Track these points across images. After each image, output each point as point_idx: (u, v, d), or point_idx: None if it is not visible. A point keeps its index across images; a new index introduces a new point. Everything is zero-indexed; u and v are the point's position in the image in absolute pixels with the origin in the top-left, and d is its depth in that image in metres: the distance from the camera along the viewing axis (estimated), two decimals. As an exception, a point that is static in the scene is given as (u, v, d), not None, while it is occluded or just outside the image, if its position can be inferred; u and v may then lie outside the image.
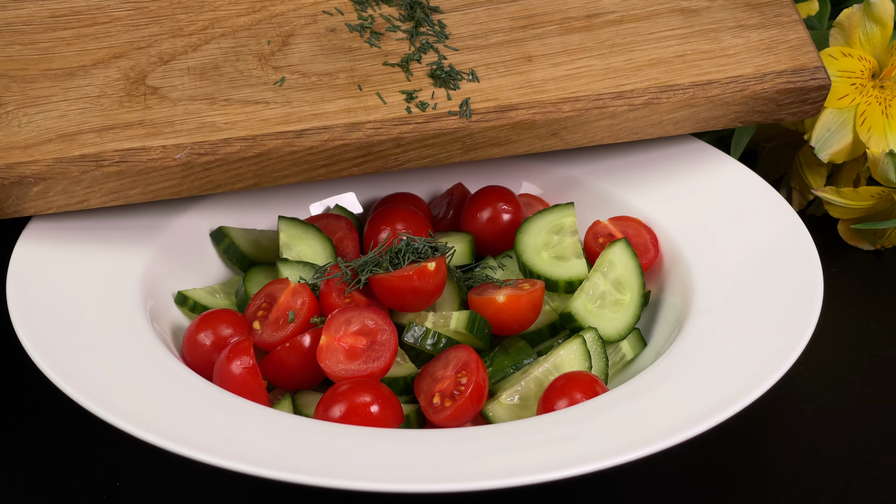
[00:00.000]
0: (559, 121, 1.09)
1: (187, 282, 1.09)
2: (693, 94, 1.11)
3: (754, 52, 1.14)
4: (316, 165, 1.06)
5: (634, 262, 1.07)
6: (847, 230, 1.24)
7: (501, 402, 0.97)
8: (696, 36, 1.14)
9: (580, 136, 1.11)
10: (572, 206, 1.12)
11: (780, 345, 0.94)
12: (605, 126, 1.11)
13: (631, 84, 1.11)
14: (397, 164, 1.08)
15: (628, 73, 1.12)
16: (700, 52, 1.14)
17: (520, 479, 0.82)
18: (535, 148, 1.10)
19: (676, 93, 1.11)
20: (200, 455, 0.83)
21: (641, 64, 1.12)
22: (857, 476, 0.97)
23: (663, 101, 1.11)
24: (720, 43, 1.14)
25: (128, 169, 1.02)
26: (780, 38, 1.15)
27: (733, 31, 1.15)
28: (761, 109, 1.14)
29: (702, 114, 1.13)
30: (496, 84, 1.10)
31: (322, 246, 1.10)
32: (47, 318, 0.96)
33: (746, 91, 1.12)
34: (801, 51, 1.14)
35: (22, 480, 0.95)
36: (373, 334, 0.97)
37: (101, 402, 0.87)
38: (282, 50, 1.10)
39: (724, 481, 0.96)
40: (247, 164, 1.04)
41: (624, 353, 1.05)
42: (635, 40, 1.14)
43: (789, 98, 1.13)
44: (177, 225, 1.10)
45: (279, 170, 1.05)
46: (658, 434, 0.85)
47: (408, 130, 1.07)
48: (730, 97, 1.12)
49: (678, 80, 1.12)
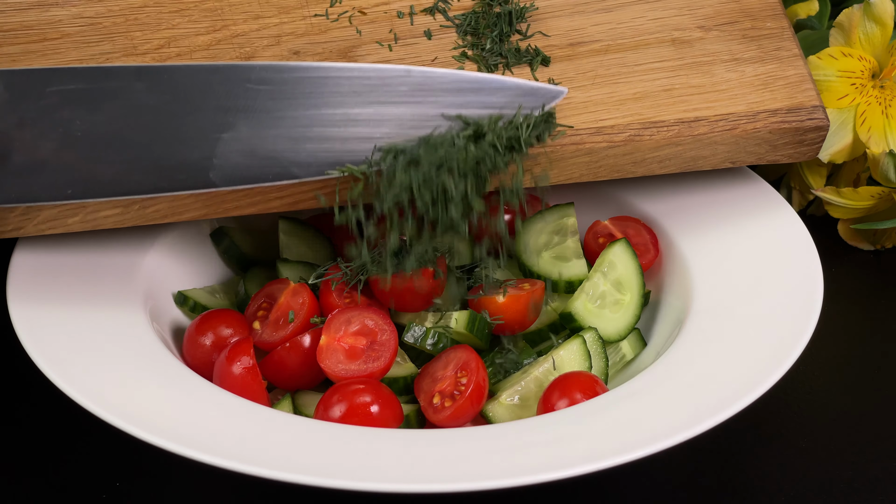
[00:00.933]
0: (531, 157, 1.02)
1: (187, 282, 1.09)
2: (678, 131, 1.05)
3: (748, 87, 1.07)
4: (269, 198, 1.01)
5: (634, 262, 1.07)
6: (847, 230, 1.24)
7: (501, 402, 0.97)
8: (687, 69, 1.08)
9: (556, 173, 1.04)
10: (572, 206, 1.12)
11: (780, 345, 0.94)
12: (583, 163, 1.04)
13: (611, 119, 1.04)
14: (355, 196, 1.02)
15: (609, 106, 1.05)
16: (689, 86, 1.07)
17: (520, 479, 0.82)
18: (507, 183, 1.02)
19: (660, 130, 1.04)
20: (200, 455, 0.83)
21: (625, 97, 1.06)
22: (857, 476, 0.97)
23: (646, 138, 1.04)
24: (712, 77, 1.08)
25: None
26: (778, 73, 1.09)
27: (727, 64, 1.09)
28: (753, 150, 1.08)
29: (688, 153, 1.06)
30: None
31: (322, 246, 1.10)
32: (47, 318, 0.96)
33: (737, 130, 1.06)
34: (798, 88, 1.08)
35: (22, 480, 0.95)
36: (373, 334, 0.97)
37: (101, 403, 0.87)
38: None
39: (723, 481, 0.96)
40: (192, 196, 0.99)
41: (624, 353, 1.05)
42: (620, 71, 1.07)
43: (784, 139, 1.07)
44: (177, 225, 1.10)
45: (229, 201, 1.00)
46: (658, 434, 0.85)
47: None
48: (718, 136, 1.05)
49: (663, 115, 1.05)
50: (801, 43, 1.24)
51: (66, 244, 1.04)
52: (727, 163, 1.08)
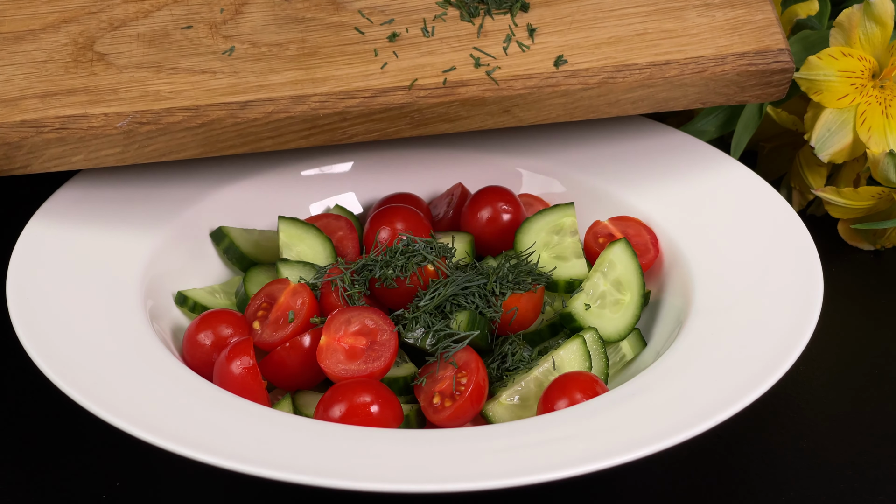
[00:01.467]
0: (510, 98, 1.07)
1: (187, 282, 1.09)
2: (650, 73, 1.09)
3: (718, 31, 1.11)
4: (262, 137, 1.05)
5: (634, 262, 1.07)
6: (847, 230, 1.24)
7: (501, 402, 0.97)
8: (660, 13, 1.12)
9: (534, 114, 1.09)
10: (572, 206, 1.12)
11: (779, 345, 0.94)
12: (560, 104, 1.09)
13: (586, 62, 1.09)
14: (345, 138, 1.08)
15: (585, 50, 1.09)
16: (662, 30, 1.11)
17: (520, 479, 0.82)
18: (488, 124, 1.09)
19: (633, 72, 1.09)
20: (201, 455, 0.83)
21: (600, 41, 1.10)
22: (857, 476, 0.97)
23: (619, 80, 1.08)
24: (684, 21, 1.12)
25: (69, 136, 1.02)
26: (747, 17, 1.12)
27: (699, 9, 1.13)
28: (723, 91, 1.11)
29: (660, 94, 1.10)
30: (448, 59, 1.08)
31: (322, 246, 1.10)
32: (47, 318, 0.96)
33: (706, 73, 1.10)
34: (766, 32, 1.11)
35: (22, 480, 0.95)
36: (373, 334, 0.97)
37: (101, 402, 0.87)
38: (234, 18, 1.09)
39: (724, 481, 0.96)
40: (190, 134, 1.04)
41: (624, 353, 1.05)
42: (596, 17, 1.12)
43: (751, 80, 1.11)
44: (177, 225, 1.10)
45: (224, 140, 1.05)
46: (658, 434, 0.85)
47: (354, 105, 1.06)
48: (688, 78, 1.10)
49: (635, 59, 1.09)
50: (801, 43, 1.24)
51: (66, 243, 1.04)
52: (698, 103, 1.12)
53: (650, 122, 1.23)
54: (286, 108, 1.05)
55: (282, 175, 1.18)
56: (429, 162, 1.21)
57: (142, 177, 1.14)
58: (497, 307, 1.01)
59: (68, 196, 1.10)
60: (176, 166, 1.15)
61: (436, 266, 1.02)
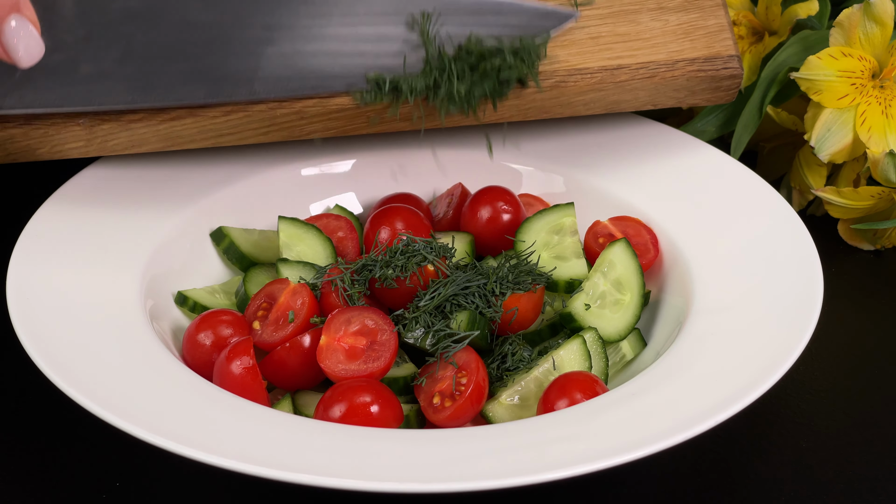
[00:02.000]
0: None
1: (187, 282, 1.09)
2: (601, 78, 1.10)
3: (671, 36, 1.13)
4: (222, 133, 1.08)
5: (634, 262, 1.07)
6: (847, 230, 1.24)
7: (501, 402, 0.97)
8: (614, 17, 1.13)
9: (487, 114, 1.11)
10: (572, 206, 1.12)
11: (779, 345, 0.94)
12: (513, 105, 1.11)
13: (540, 66, 1.10)
14: (304, 134, 1.10)
15: None
16: (615, 34, 1.12)
17: (520, 479, 0.82)
18: (444, 122, 1.11)
19: (584, 76, 1.10)
20: (201, 455, 0.83)
21: (553, 44, 1.11)
22: (857, 477, 0.97)
23: (570, 84, 1.10)
24: (637, 25, 1.13)
25: (31, 131, 1.05)
26: (700, 22, 1.14)
27: (653, 13, 1.14)
28: (673, 95, 1.13)
29: (611, 97, 1.12)
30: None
31: (322, 246, 1.10)
32: (47, 318, 0.96)
33: (656, 78, 1.11)
34: (717, 38, 1.13)
35: (22, 480, 0.95)
36: (373, 334, 0.97)
37: (101, 402, 0.87)
38: None
39: (723, 481, 0.96)
40: (151, 130, 1.07)
41: (624, 353, 1.05)
42: None
43: (701, 85, 1.13)
44: (177, 225, 1.10)
45: (184, 136, 1.08)
46: (658, 434, 0.85)
47: (311, 105, 1.07)
48: (639, 83, 1.11)
49: (588, 63, 1.11)
50: (801, 43, 1.24)
51: (66, 244, 1.05)
52: (649, 105, 1.14)
53: (650, 122, 1.23)
54: (244, 107, 1.07)
55: (282, 175, 1.18)
56: (429, 162, 1.21)
57: (142, 177, 1.14)
58: (497, 307, 1.01)
59: (68, 196, 1.10)
60: (175, 166, 1.15)
61: (436, 266, 1.02)
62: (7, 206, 1.26)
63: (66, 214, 1.08)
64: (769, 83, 1.23)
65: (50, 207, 1.08)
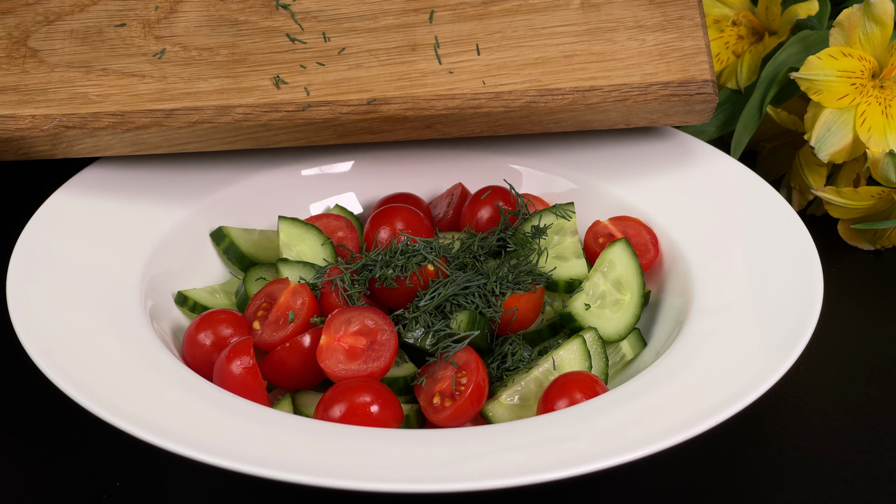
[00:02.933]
0: (433, 117, 1.08)
1: (187, 282, 1.09)
2: (573, 100, 1.09)
3: (646, 57, 1.11)
4: (188, 141, 1.08)
5: (634, 262, 1.07)
6: (847, 230, 1.24)
7: (501, 402, 0.97)
8: (591, 34, 1.11)
9: (457, 129, 1.11)
10: (572, 206, 1.12)
11: (779, 345, 0.94)
12: (483, 122, 1.10)
13: (510, 85, 1.09)
14: (270, 144, 1.09)
15: (511, 71, 1.09)
16: (590, 53, 1.11)
17: (520, 479, 0.82)
18: (412, 136, 1.11)
19: (556, 97, 1.09)
20: (200, 455, 0.83)
21: (526, 62, 1.10)
22: (857, 476, 0.97)
23: (541, 104, 1.09)
24: (613, 45, 1.11)
25: None
26: (676, 43, 1.11)
27: (630, 31, 1.12)
28: (646, 116, 1.12)
29: (582, 117, 1.11)
30: (374, 74, 1.09)
31: (322, 246, 1.10)
32: (47, 317, 0.96)
33: (628, 101, 1.09)
34: (693, 61, 1.11)
35: (22, 480, 0.95)
36: (373, 334, 0.97)
37: (100, 402, 0.87)
38: (168, 17, 1.10)
39: (723, 481, 0.96)
40: (116, 138, 1.06)
41: (624, 353, 1.05)
42: (526, 34, 1.11)
43: (674, 108, 1.11)
44: (177, 225, 1.10)
45: (150, 143, 1.07)
46: (658, 434, 0.85)
47: (277, 118, 1.07)
48: (611, 105, 1.10)
49: (560, 83, 1.09)
50: (801, 43, 1.24)
51: (66, 243, 1.05)
52: (621, 125, 1.13)
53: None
54: (210, 118, 1.06)
55: (282, 175, 1.18)
56: (429, 162, 1.21)
57: (142, 177, 1.14)
58: (497, 307, 1.01)
59: (68, 196, 1.10)
60: (175, 167, 1.15)
61: (436, 266, 1.02)
62: (7, 206, 1.26)
63: (65, 214, 1.08)
64: (769, 83, 1.23)
65: (50, 207, 1.08)
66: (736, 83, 1.27)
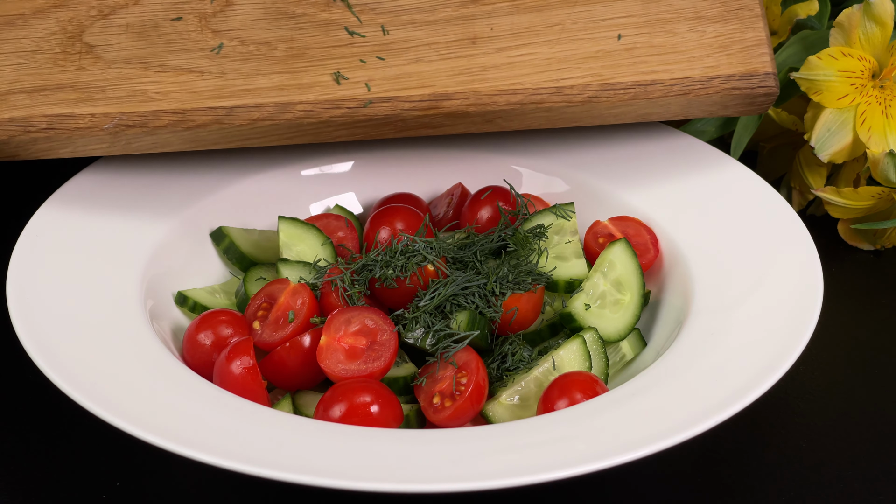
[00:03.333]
0: (494, 112, 1.07)
1: (187, 282, 1.09)
2: (635, 94, 1.08)
3: (707, 49, 1.09)
4: (247, 137, 1.06)
5: (634, 262, 1.07)
6: (847, 230, 1.24)
7: (501, 402, 0.97)
8: (651, 26, 1.10)
9: (517, 123, 1.09)
10: (572, 205, 1.12)
11: (780, 345, 0.94)
12: (543, 117, 1.09)
13: (572, 79, 1.08)
14: (329, 139, 1.08)
15: (572, 65, 1.08)
16: (651, 45, 1.09)
17: (520, 479, 0.82)
18: (471, 130, 1.10)
19: (618, 92, 1.07)
20: (200, 455, 0.83)
21: (587, 55, 1.08)
22: (857, 476, 0.97)
23: (603, 99, 1.07)
24: (673, 37, 1.09)
25: (55, 135, 1.03)
26: (737, 35, 1.10)
27: (690, 22, 1.10)
28: (705, 109, 1.11)
29: (642, 110, 1.10)
30: (435, 68, 1.07)
31: (322, 246, 1.10)
32: (47, 317, 0.96)
33: (690, 95, 1.08)
34: (754, 52, 1.09)
35: (22, 480, 0.95)
36: (373, 334, 0.97)
37: (101, 402, 0.87)
38: (224, 10, 1.08)
39: (723, 481, 0.96)
40: (176, 136, 1.05)
41: (624, 353, 1.05)
42: (586, 26, 1.10)
43: (735, 101, 1.10)
44: (177, 225, 1.10)
45: (209, 139, 1.06)
46: (658, 434, 0.85)
47: (338, 115, 1.06)
48: (672, 99, 1.09)
49: (622, 77, 1.08)
50: (801, 43, 1.24)
51: (66, 243, 1.05)
52: (680, 117, 1.11)
53: (650, 122, 1.23)
54: (271, 115, 1.05)
55: (282, 175, 1.18)
56: (429, 162, 1.21)
57: (142, 177, 1.14)
58: (497, 307, 1.01)
59: (68, 196, 1.10)
60: (175, 166, 1.15)
61: (436, 266, 1.02)
62: (7, 206, 1.26)
63: (66, 214, 1.08)
64: (769, 83, 1.23)
65: (50, 207, 1.08)
66: (736, 83, 1.27)
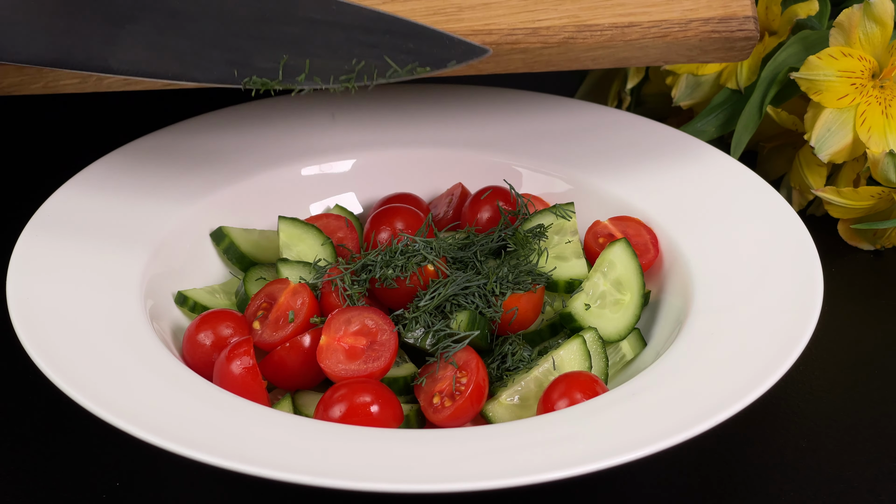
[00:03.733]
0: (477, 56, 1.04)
1: (187, 282, 1.09)
2: (612, 36, 1.07)
3: None
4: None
5: (634, 262, 1.07)
6: (847, 230, 1.24)
7: (501, 402, 0.97)
8: None
9: (493, 66, 1.08)
10: (572, 205, 1.12)
11: (780, 345, 0.94)
12: (519, 59, 1.08)
13: (548, 20, 1.07)
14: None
15: (549, 6, 1.07)
16: None
17: (520, 479, 0.82)
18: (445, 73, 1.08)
19: (594, 34, 1.07)
20: (200, 455, 0.83)
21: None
22: (857, 476, 0.97)
23: (580, 41, 1.07)
24: None
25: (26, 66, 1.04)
26: None
27: None
28: (685, 53, 1.10)
29: (620, 54, 1.08)
30: (409, 8, 1.07)
31: (322, 246, 1.10)
32: (47, 318, 0.96)
33: (668, 37, 1.08)
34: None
35: (22, 480, 0.95)
36: (373, 334, 0.97)
37: (101, 402, 0.87)
38: None
39: (723, 481, 0.96)
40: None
41: (624, 353, 1.05)
42: None
43: (714, 45, 1.09)
44: (177, 225, 1.10)
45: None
46: (658, 434, 0.85)
47: None
48: (650, 41, 1.08)
49: (598, 19, 1.07)
50: (801, 43, 1.24)
51: (66, 243, 1.05)
52: (660, 62, 1.11)
53: (650, 122, 1.23)
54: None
55: (282, 175, 1.18)
56: (429, 162, 1.21)
57: (142, 177, 1.14)
58: (497, 307, 1.01)
59: (68, 196, 1.10)
60: (175, 166, 1.15)
61: (436, 266, 1.02)
62: (7, 206, 1.26)
63: (66, 214, 1.08)
64: (769, 83, 1.23)
65: (50, 207, 1.08)
66: (736, 83, 1.27)
